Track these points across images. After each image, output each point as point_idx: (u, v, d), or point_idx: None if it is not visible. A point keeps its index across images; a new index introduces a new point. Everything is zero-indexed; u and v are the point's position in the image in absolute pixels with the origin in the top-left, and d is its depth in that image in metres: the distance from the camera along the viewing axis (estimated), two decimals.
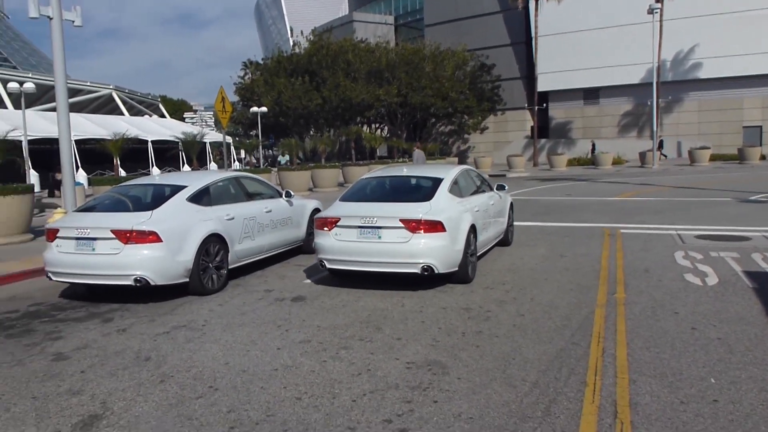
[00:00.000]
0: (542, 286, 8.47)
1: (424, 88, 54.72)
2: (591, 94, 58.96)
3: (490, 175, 39.66)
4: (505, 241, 11.62)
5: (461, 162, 58.04)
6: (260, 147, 47.47)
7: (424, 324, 6.86)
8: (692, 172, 34.16)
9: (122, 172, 25.98)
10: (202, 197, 9.23)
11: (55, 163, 22.83)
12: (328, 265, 8.74)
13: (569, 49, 56.27)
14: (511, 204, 12.17)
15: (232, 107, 23.31)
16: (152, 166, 39.23)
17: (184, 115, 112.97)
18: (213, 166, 45.51)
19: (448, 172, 9.67)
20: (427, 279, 8.52)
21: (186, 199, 8.95)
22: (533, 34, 54.56)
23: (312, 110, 56.70)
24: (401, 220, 8.17)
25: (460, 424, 4.34)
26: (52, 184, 29.64)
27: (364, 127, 59.22)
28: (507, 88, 61.55)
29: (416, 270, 8.13)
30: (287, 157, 41.14)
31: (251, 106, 52.82)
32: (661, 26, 44.46)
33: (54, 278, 8.57)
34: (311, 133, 60.46)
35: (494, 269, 9.73)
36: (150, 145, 39.12)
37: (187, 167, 40.33)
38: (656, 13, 39.23)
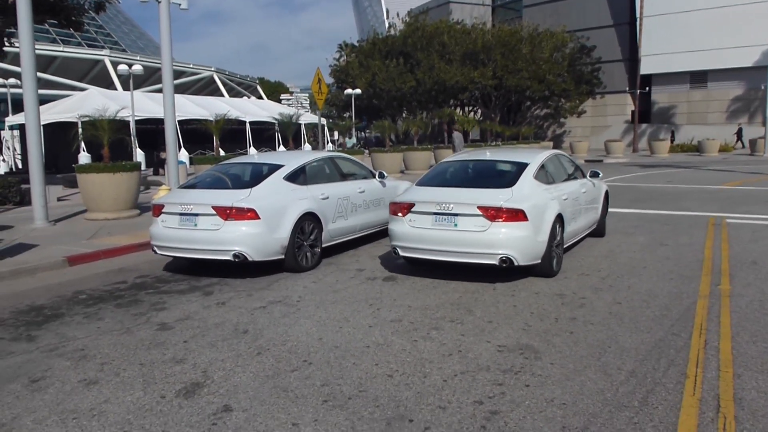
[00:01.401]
0: (641, 275, 8.19)
1: (520, 70, 53.58)
2: (698, 78, 56.12)
3: (586, 161, 38.58)
4: (598, 232, 10.86)
5: (556, 146, 56.71)
6: (353, 129, 47.97)
7: (515, 308, 6.78)
8: None
9: (221, 152, 26.82)
10: (298, 176, 9.43)
11: (160, 142, 23.87)
12: (401, 253, 8.39)
13: (676, 30, 53.73)
14: (606, 192, 11.26)
15: (327, 89, 23.62)
16: (249, 146, 40.32)
17: (281, 97, 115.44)
18: (307, 147, 46.37)
19: (535, 156, 9.03)
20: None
21: (283, 178, 9.17)
22: (638, 15, 52.34)
23: (405, 92, 56.66)
24: (479, 208, 7.68)
25: (553, 409, 4.27)
26: (156, 163, 31.04)
27: (457, 110, 58.67)
28: (607, 71, 59.40)
29: (494, 261, 7.64)
30: (354, 139, 41.34)
31: (345, 88, 53.35)
32: None
33: (159, 252, 8.99)
34: (404, 115, 60.48)
35: (590, 256, 9.48)
36: (248, 125, 40.22)
37: (282, 148, 41.28)
38: None
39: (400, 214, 8.33)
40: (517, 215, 7.59)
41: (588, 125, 62.05)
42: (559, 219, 8.37)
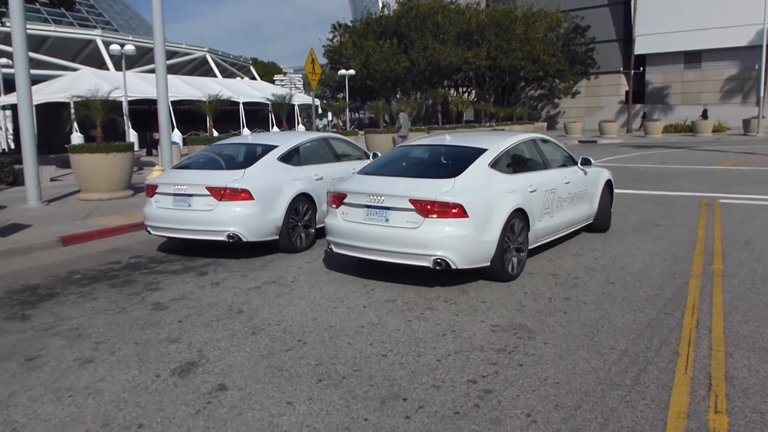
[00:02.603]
0: (634, 255, 8.22)
1: (514, 50, 53.29)
2: (692, 58, 56.02)
3: (580, 141, 38.57)
4: (598, 227, 9.63)
5: (550, 127, 56.71)
6: (347, 110, 47.75)
7: (509, 288, 6.81)
8: None
9: (215, 133, 26.70)
10: (292, 157, 9.40)
11: (153, 122, 23.73)
12: (335, 249, 7.50)
13: (670, 9, 53.56)
14: (609, 182, 9.90)
15: (321, 69, 23.49)
16: (243, 127, 40.15)
17: (274, 78, 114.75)
18: (300, 128, 46.19)
19: (500, 141, 7.90)
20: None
21: (277, 159, 9.14)
22: None
23: (399, 73, 56.35)
24: (411, 201, 6.67)
25: (546, 388, 4.30)
26: (149, 143, 30.89)
27: (452, 91, 58.44)
28: (601, 51, 59.19)
29: (427, 263, 6.63)
30: (324, 121, 40.92)
31: (339, 69, 53.06)
32: None
33: (153, 232, 8.97)
34: (398, 96, 60.20)
35: (583, 236, 9.51)
36: (241, 106, 40.01)
37: (276, 128, 41.11)
38: None
39: (333, 206, 7.51)
40: (454, 210, 6.55)
41: (582, 106, 61.96)
42: (520, 215, 7.30)
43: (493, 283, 7.00)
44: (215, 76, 52.45)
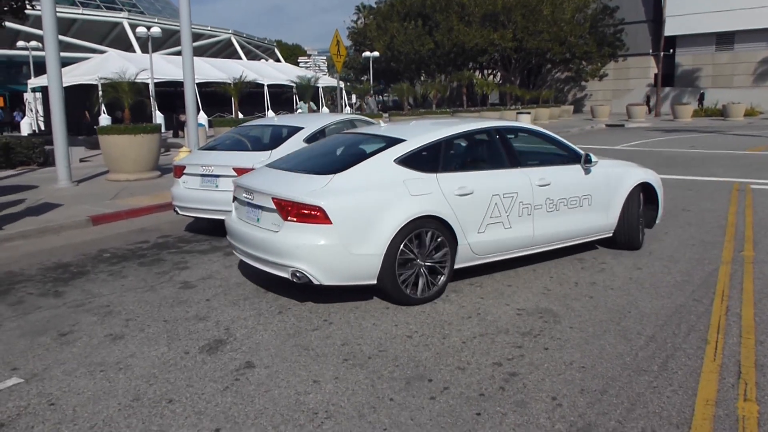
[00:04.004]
0: (662, 240, 8.14)
1: (541, 32, 52.58)
2: (724, 39, 54.90)
3: (607, 125, 38.09)
4: (621, 242, 7.58)
5: (577, 110, 56.02)
6: (371, 92, 47.60)
7: (535, 272, 6.78)
8: None
9: (240, 115, 26.83)
10: (317, 138, 9.40)
11: (179, 105, 23.88)
12: (233, 250, 6.78)
13: None
14: (644, 185, 7.70)
15: (346, 51, 23.43)
16: (267, 109, 40.24)
17: (299, 60, 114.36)
18: (324, 110, 46.17)
19: (434, 131, 6.39)
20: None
21: (303, 140, 9.15)
22: None
23: (424, 55, 55.99)
24: (274, 200, 5.68)
25: (572, 372, 4.30)
26: (176, 125, 31.11)
27: (477, 73, 57.94)
28: (630, 33, 58.22)
29: (287, 275, 5.64)
30: (305, 105, 40.62)
31: (363, 51, 52.89)
32: None
33: (180, 212, 9.05)
34: (422, 78, 59.86)
35: None
36: (266, 88, 40.08)
37: (300, 110, 41.13)
38: None
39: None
40: (313, 214, 5.42)
41: (609, 89, 61.18)
42: (436, 224, 5.85)
43: (519, 267, 6.97)
44: (240, 58, 52.56)
